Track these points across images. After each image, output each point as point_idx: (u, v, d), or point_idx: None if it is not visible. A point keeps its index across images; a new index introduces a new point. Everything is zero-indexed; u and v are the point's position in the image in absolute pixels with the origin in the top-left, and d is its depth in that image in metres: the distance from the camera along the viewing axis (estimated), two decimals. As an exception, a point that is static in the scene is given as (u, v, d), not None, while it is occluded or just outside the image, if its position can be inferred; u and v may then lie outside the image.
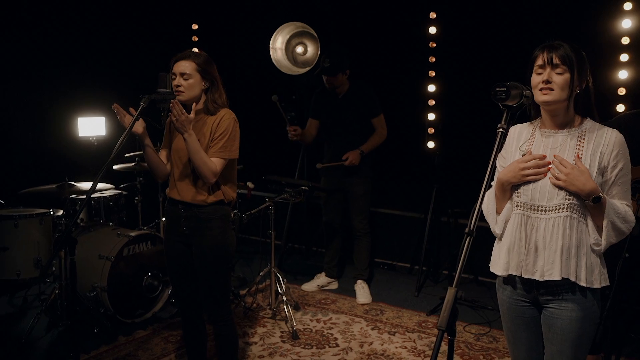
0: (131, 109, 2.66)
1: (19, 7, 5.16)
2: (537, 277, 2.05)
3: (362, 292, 4.77)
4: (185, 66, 2.74)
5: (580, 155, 2.02)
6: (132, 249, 4.19)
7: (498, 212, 2.17)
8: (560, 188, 2.00)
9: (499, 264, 2.16)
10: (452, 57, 4.96)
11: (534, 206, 2.05)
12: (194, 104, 2.77)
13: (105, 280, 3.95)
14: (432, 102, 5.01)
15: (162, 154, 2.90)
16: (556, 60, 2.01)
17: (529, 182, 2.06)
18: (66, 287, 3.91)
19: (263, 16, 5.72)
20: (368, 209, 4.80)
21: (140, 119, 2.64)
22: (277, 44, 4.90)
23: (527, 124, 2.22)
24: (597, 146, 2.03)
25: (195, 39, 6.24)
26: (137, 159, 4.75)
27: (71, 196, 4.14)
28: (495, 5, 4.76)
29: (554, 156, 2.04)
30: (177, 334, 4.01)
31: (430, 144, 5.05)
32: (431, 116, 5.02)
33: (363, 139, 4.62)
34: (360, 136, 4.63)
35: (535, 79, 2.06)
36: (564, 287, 2.04)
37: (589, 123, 2.09)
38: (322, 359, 3.68)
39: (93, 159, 4.85)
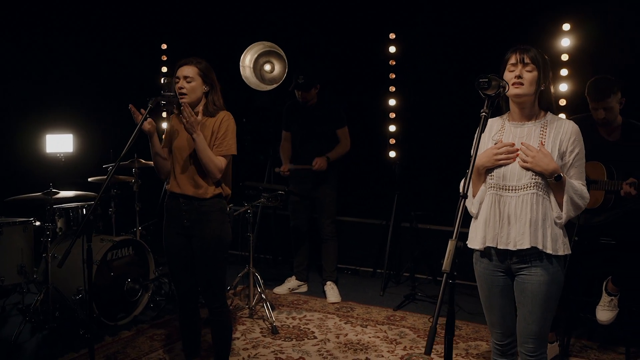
0: (142, 110, 2.90)
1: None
2: (511, 247, 2.39)
3: (332, 292, 5.06)
4: (188, 70, 3.01)
5: (543, 142, 2.39)
6: (115, 254, 4.36)
7: (474, 195, 2.52)
8: (527, 169, 2.36)
9: (476, 239, 2.49)
10: (410, 73, 5.39)
11: (506, 186, 2.40)
12: (200, 107, 3.04)
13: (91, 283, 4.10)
14: (392, 115, 5.41)
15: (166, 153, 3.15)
16: (527, 60, 2.37)
17: (500, 165, 2.41)
18: (52, 291, 4.07)
19: (231, 36, 6.01)
20: (335, 213, 5.13)
21: (149, 119, 2.88)
22: (246, 62, 5.20)
23: (497, 118, 2.57)
24: (557, 134, 2.39)
25: (164, 58, 6.47)
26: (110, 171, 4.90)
27: (54, 205, 4.28)
28: (447, 27, 5.23)
29: (522, 143, 2.39)
30: (161, 333, 4.18)
31: (392, 154, 5.44)
32: (392, 128, 5.42)
33: (330, 147, 4.97)
34: (327, 145, 4.97)
35: (508, 75, 2.40)
36: (533, 256, 2.38)
37: (549, 116, 2.46)
38: (303, 349, 3.94)
39: (61, 175, 5.00)
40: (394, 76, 5.39)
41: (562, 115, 4.66)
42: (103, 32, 6.25)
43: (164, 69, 6.49)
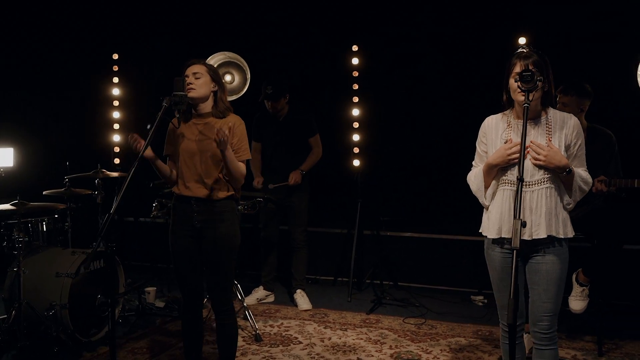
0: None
1: None
2: (526, 237, 2.54)
3: (303, 299, 5.09)
4: (197, 68, 3.04)
5: (550, 139, 2.58)
6: (87, 267, 4.19)
7: (485, 189, 2.69)
8: (540, 167, 2.54)
9: (492, 229, 2.65)
10: (373, 84, 5.57)
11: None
12: (210, 106, 3.05)
13: (67, 297, 3.91)
14: (356, 125, 5.56)
15: (169, 162, 3.13)
16: (531, 67, 2.53)
17: (514, 164, 2.58)
18: (24, 307, 3.85)
19: (190, 46, 5.97)
20: (307, 221, 5.18)
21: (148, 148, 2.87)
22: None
23: (499, 114, 2.74)
24: (561, 129, 2.60)
25: (115, 68, 6.31)
26: (67, 183, 4.70)
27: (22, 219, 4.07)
28: (407, 40, 5.47)
29: (531, 142, 2.56)
30: (141, 347, 4.05)
31: (356, 163, 5.58)
32: (356, 137, 5.56)
33: (302, 157, 5.03)
34: (299, 155, 5.04)
35: (514, 84, 2.56)
36: (546, 243, 2.57)
37: (551, 111, 2.65)
38: (293, 354, 3.94)
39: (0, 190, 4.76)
40: (357, 87, 5.55)
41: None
42: (53, 41, 6.03)
43: (115, 80, 6.32)
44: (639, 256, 4.90)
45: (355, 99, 5.55)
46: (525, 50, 2.63)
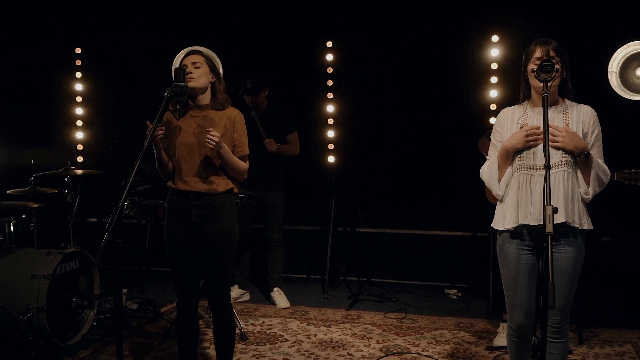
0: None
1: None
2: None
3: (281, 297, 5.03)
4: (195, 57, 2.98)
5: (568, 124, 2.59)
6: (63, 268, 4.01)
7: (499, 179, 2.66)
8: (558, 149, 2.52)
9: (508, 219, 2.61)
10: (347, 80, 5.57)
11: (536, 166, 2.56)
12: (208, 97, 2.97)
13: (44, 300, 3.73)
14: (331, 121, 5.54)
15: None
16: (552, 53, 2.55)
17: (529, 147, 2.57)
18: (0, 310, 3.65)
19: (159, 42, 5.81)
20: (283, 219, 5.12)
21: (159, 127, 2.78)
22: (177, 65, 5.05)
23: (516, 106, 2.74)
24: (578, 117, 2.60)
25: (78, 63, 6.07)
26: (32, 181, 4.50)
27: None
28: (382, 36, 5.50)
29: (550, 125, 2.51)
30: (124, 349, 3.90)
31: (331, 159, 5.56)
32: (331, 133, 5.55)
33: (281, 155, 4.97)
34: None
35: (534, 68, 2.54)
36: (562, 232, 2.55)
37: (568, 102, 2.67)
38: (282, 351, 3.89)
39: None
40: (331, 83, 5.53)
41: (493, 120, 5.10)
42: (7, 35, 5.76)
43: (78, 75, 6.08)
44: (611, 248, 5.05)
45: (330, 95, 5.53)
46: (544, 38, 2.62)
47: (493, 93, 5.09)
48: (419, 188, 5.63)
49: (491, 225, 2.76)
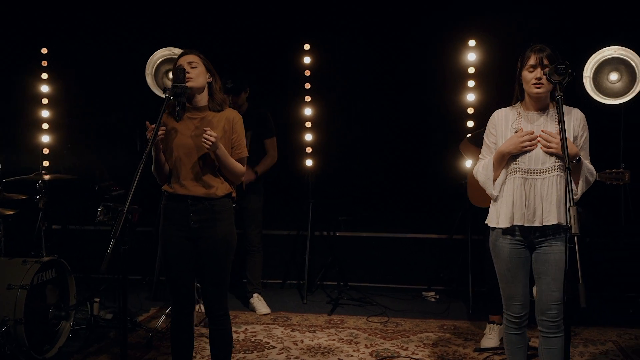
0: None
1: None
2: (537, 224, 2.66)
3: (261, 304, 4.95)
4: (191, 57, 2.89)
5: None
6: (40, 277, 3.84)
7: (495, 179, 2.77)
8: (551, 154, 2.65)
9: (503, 218, 2.73)
10: (325, 83, 5.54)
11: (531, 170, 2.69)
12: (205, 97, 2.90)
13: (22, 311, 3.57)
14: (308, 124, 5.50)
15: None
16: (545, 61, 2.66)
17: (525, 152, 2.68)
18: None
19: (130, 42, 5.66)
20: (262, 224, 5.04)
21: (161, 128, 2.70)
22: (148, 69, 4.94)
23: (508, 108, 2.85)
24: (569, 121, 2.71)
25: (45, 63, 5.84)
26: (0, 188, 4.30)
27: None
28: (359, 39, 5.51)
29: (542, 131, 2.68)
30: (106, 361, 3.78)
31: (308, 162, 5.52)
32: (308, 137, 5.50)
33: (258, 158, 4.89)
34: (255, 155, 4.87)
35: (528, 76, 2.69)
36: (553, 230, 2.68)
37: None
38: (271, 359, 3.82)
39: None
40: (309, 86, 5.49)
41: (471, 123, 5.17)
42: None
43: (44, 76, 5.85)
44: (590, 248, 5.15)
45: (308, 98, 5.49)
46: (538, 45, 2.71)
47: (470, 97, 5.15)
48: (396, 191, 5.65)
49: (485, 222, 2.87)
